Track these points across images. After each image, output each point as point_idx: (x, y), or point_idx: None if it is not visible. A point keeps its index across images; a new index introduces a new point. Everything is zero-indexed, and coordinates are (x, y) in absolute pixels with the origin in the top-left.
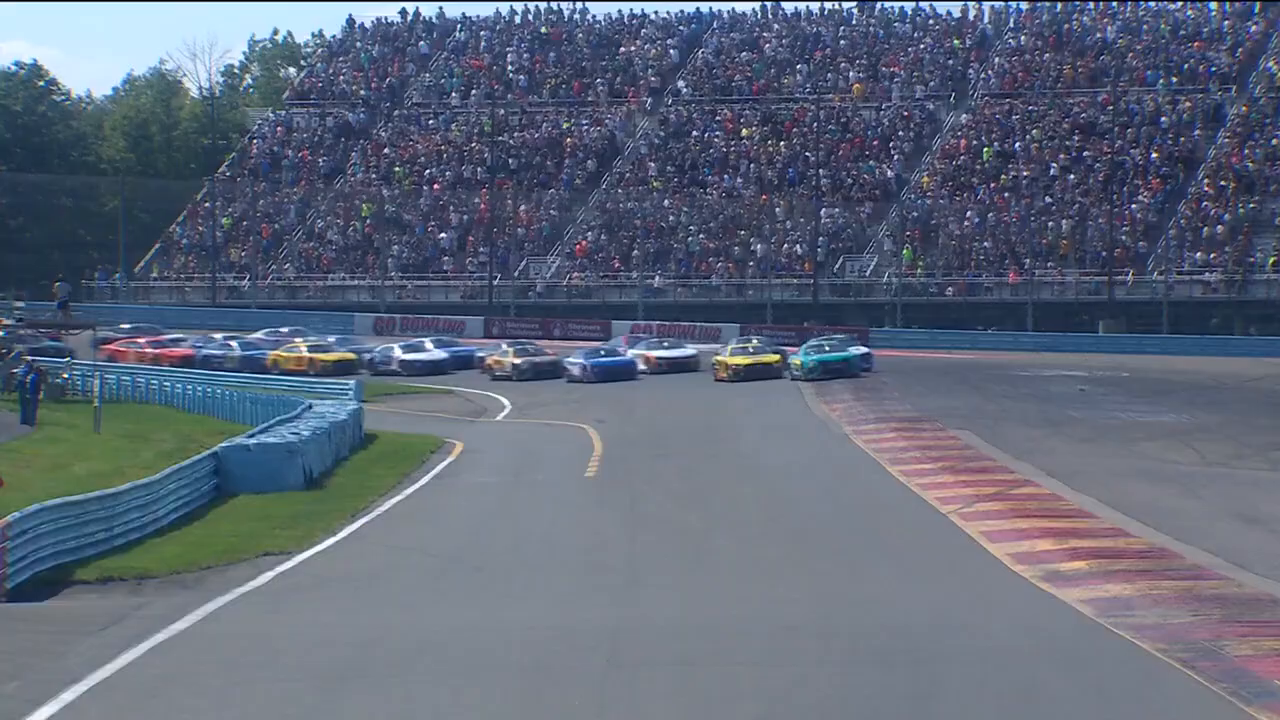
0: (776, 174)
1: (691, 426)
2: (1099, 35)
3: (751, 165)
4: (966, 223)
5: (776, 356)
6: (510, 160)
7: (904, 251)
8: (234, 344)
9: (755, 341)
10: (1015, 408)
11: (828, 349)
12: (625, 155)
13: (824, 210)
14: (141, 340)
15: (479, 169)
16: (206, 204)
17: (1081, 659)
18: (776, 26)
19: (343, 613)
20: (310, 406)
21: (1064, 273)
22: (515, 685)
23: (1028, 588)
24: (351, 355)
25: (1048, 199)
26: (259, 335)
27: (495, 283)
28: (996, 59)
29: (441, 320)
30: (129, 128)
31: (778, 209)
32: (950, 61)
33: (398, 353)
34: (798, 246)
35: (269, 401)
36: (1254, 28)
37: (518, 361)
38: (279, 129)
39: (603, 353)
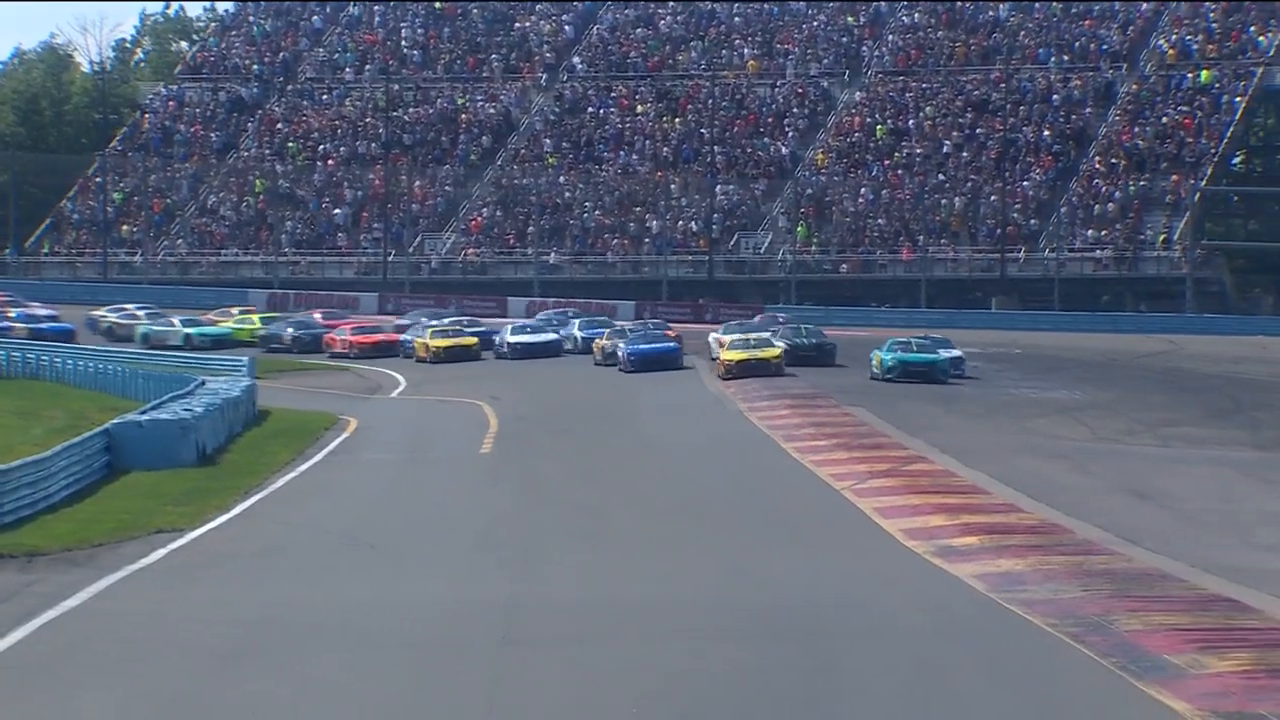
0: (671, 151)
1: (583, 402)
2: (991, 13)
3: (647, 142)
4: (860, 200)
5: (776, 351)
6: (405, 136)
7: (798, 228)
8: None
9: (757, 334)
10: (909, 384)
11: (915, 348)
12: (520, 131)
13: (719, 187)
14: (347, 327)
15: (373, 145)
16: (98, 179)
17: (974, 634)
18: (672, 3)
19: (237, 590)
20: (204, 383)
21: (957, 250)
22: (410, 662)
23: (921, 563)
24: (472, 340)
25: (941, 176)
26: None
27: (390, 259)
28: (890, 36)
29: (335, 297)
30: (19, 102)
31: (673, 186)
32: (844, 39)
33: (507, 335)
34: (693, 223)
35: (161, 378)
36: (1145, 5)
37: (605, 344)
38: (171, 104)
39: (648, 329)
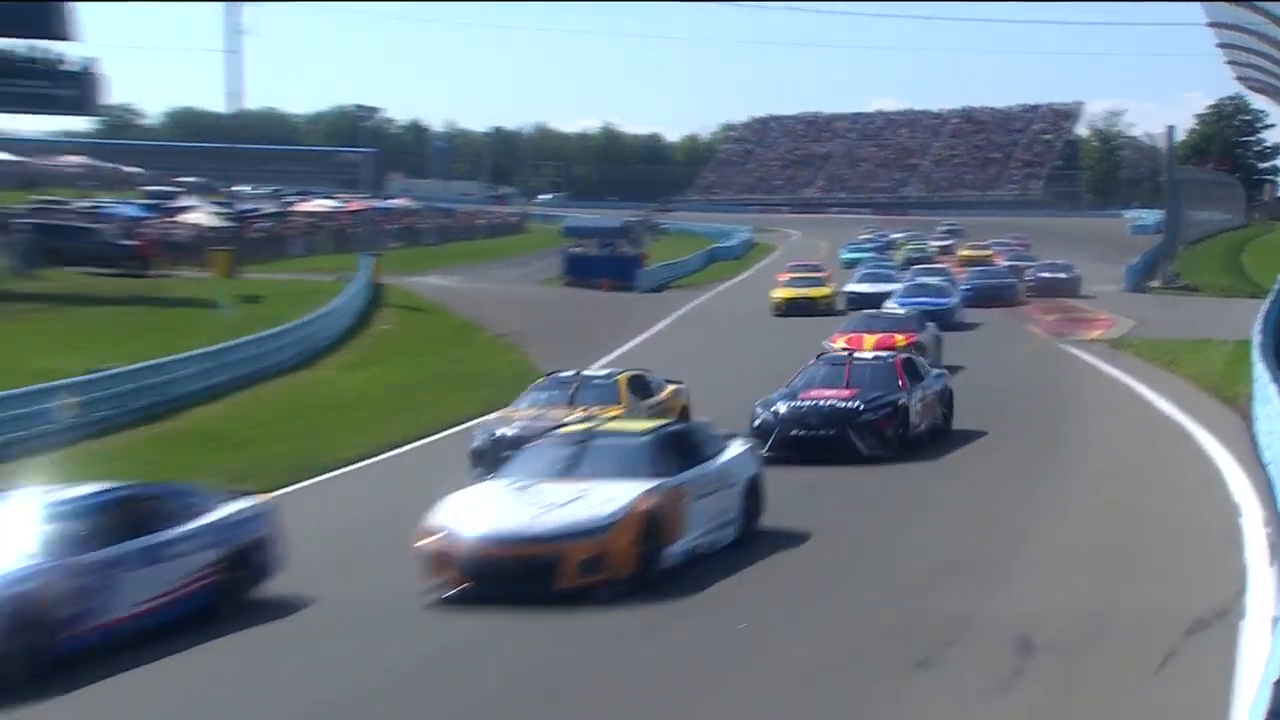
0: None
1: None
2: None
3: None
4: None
5: (827, 291)
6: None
7: None
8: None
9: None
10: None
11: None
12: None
13: None
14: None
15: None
16: (702, 181)
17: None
18: None
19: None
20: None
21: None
22: None
23: None
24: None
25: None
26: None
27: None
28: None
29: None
30: (679, 155)
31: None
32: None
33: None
34: None
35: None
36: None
37: None
38: (731, 152)
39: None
